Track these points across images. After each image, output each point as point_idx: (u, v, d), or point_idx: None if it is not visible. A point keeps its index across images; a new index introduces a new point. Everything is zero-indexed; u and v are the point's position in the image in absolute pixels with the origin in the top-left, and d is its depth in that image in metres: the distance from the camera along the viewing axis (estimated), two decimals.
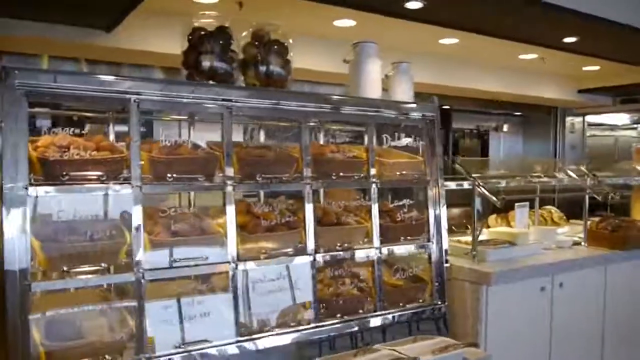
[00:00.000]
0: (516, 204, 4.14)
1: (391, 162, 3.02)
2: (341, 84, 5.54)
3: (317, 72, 4.70)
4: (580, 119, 7.60)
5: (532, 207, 4.67)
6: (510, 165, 5.00)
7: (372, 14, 3.73)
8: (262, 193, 2.86)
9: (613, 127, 8.84)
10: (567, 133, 7.44)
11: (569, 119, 7.47)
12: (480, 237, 3.72)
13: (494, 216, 4.41)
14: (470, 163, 3.88)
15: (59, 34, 3.79)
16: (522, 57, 5.12)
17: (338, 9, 3.68)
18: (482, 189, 3.19)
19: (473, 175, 3.25)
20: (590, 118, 8.19)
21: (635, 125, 8.70)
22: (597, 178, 3.95)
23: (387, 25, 4.05)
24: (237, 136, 3.07)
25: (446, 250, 3.12)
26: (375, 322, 2.85)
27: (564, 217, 4.75)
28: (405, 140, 3.20)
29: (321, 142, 3.28)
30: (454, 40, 4.53)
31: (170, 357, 2.24)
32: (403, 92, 3.26)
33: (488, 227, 4.38)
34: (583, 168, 4.15)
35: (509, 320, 3.20)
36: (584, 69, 5.71)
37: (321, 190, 3.12)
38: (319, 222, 2.84)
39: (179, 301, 2.31)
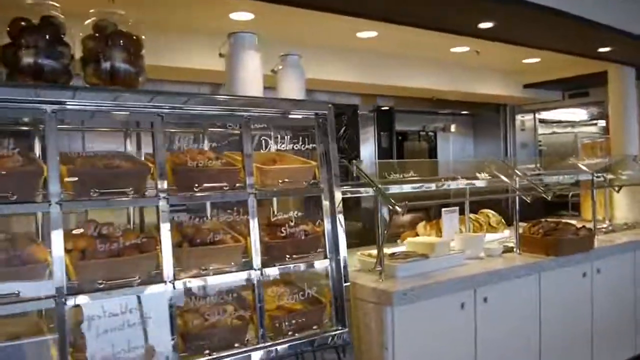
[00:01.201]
0: (443, 210, 3.77)
1: (273, 169, 2.62)
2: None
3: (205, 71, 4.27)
4: (530, 116, 7.28)
5: (473, 211, 4.34)
6: (447, 168, 4.64)
7: (272, 5, 3.33)
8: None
9: (574, 124, 8.58)
10: (518, 131, 7.12)
11: (519, 117, 7.14)
12: (399, 249, 3.34)
13: (422, 224, 4.03)
14: (387, 166, 3.49)
15: None
16: (454, 50, 4.77)
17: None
18: (382, 195, 2.79)
19: (375, 180, 2.86)
20: (548, 115, 7.90)
21: (595, 121, 8.45)
22: (527, 177, 3.59)
23: (292, 17, 3.67)
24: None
25: (345, 267, 2.71)
26: (257, 356, 2.43)
27: (503, 221, 4.39)
28: (298, 143, 2.81)
29: (206, 148, 2.89)
30: (373, 34, 4.15)
31: None
32: (292, 89, 2.86)
33: (417, 235, 4.00)
34: (521, 167, 3.80)
35: (423, 344, 2.80)
36: (525, 61, 5.39)
37: (208, 204, 2.74)
38: (190, 241, 2.44)
39: None
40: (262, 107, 2.62)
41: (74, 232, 2.17)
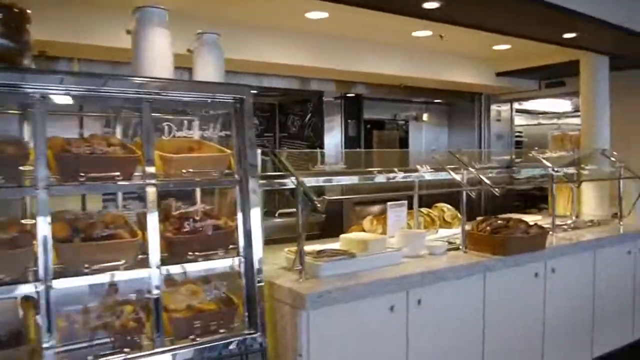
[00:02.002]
0: (388, 204, 3.56)
1: (177, 157, 2.39)
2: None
3: None
4: (507, 106, 7.02)
5: (429, 204, 4.12)
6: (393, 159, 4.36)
7: None
8: None
9: (559, 116, 8.33)
10: (493, 121, 6.86)
11: (494, 107, 6.89)
12: (332, 246, 3.12)
13: (369, 218, 3.81)
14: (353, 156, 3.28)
15: None
16: (415, 34, 4.51)
17: None
18: (303, 187, 2.57)
19: (295, 172, 2.63)
20: (531, 105, 7.63)
21: (578, 113, 8.20)
22: (477, 170, 3.36)
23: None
24: None
25: (259, 266, 2.49)
26: None
27: (459, 216, 4.16)
28: (204, 131, 2.58)
29: (118, 134, 2.67)
30: (323, 14, 3.90)
31: None
32: (208, 71, 2.62)
33: (363, 230, 3.79)
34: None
35: (344, 351, 2.59)
36: (495, 48, 5.13)
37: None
38: (81, 236, 2.22)
39: None
40: (169, 90, 2.38)
41: None
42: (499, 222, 3.41)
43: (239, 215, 2.51)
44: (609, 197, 4.66)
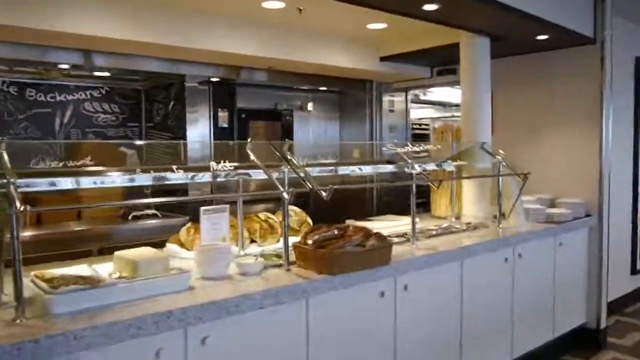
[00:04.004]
0: (202, 209, 2.86)
1: None
2: None
3: None
4: (402, 96, 6.46)
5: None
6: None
7: None
8: None
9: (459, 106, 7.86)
10: (386, 112, 6.29)
11: (387, 96, 6.31)
12: (105, 267, 2.38)
13: (187, 227, 3.11)
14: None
15: None
16: (265, 5, 3.81)
17: None
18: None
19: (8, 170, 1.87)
20: (433, 96, 7.13)
21: None
22: (303, 169, 2.70)
23: None
24: None
25: None
26: None
27: (309, 221, 3.52)
28: None
29: None
30: None
31: None
32: None
33: (181, 244, 3.07)
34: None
35: None
36: (370, 27, 4.51)
37: None
38: None
39: None
40: None
41: None
42: (334, 231, 2.77)
43: None
44: (491, 196, 4.14)
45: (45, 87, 5.12)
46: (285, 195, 2.55)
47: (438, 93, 7.07)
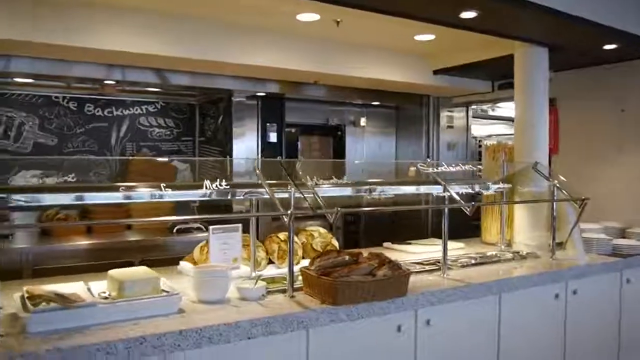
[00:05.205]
0: (211, 228, 2.76)
1: None
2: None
3: None
4: (462, 112, 6.07)
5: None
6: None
7: None
8: None
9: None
10: (444, 128, 5.93)
11: (445, 112, 5.95)
12: (99, 284, 2.32)
13: (201, 245, 3.01)
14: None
15: None
16: (300, 17, 3.67)
17: None
18: None
19: None
20: (500, 112, 6.66)
21: None
22: (299, 190, 2.52)
23: None
24: None
25: None
26: None
27: (334, 243, 3.31)
28: None
29: None
30: None
31: None
32: None
33: (194, 262, 2.98)
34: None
35: None
36: (417, 38, 4.24)
37: None
38: None
39: None
40: None
41: None
42: (344, 257, 2.55)
43: None
44: (547, 223, 3.73)
45: (102, 102, 5.29)
46: (285, 218, 2.37)
47: (507, 109, 6.61)
